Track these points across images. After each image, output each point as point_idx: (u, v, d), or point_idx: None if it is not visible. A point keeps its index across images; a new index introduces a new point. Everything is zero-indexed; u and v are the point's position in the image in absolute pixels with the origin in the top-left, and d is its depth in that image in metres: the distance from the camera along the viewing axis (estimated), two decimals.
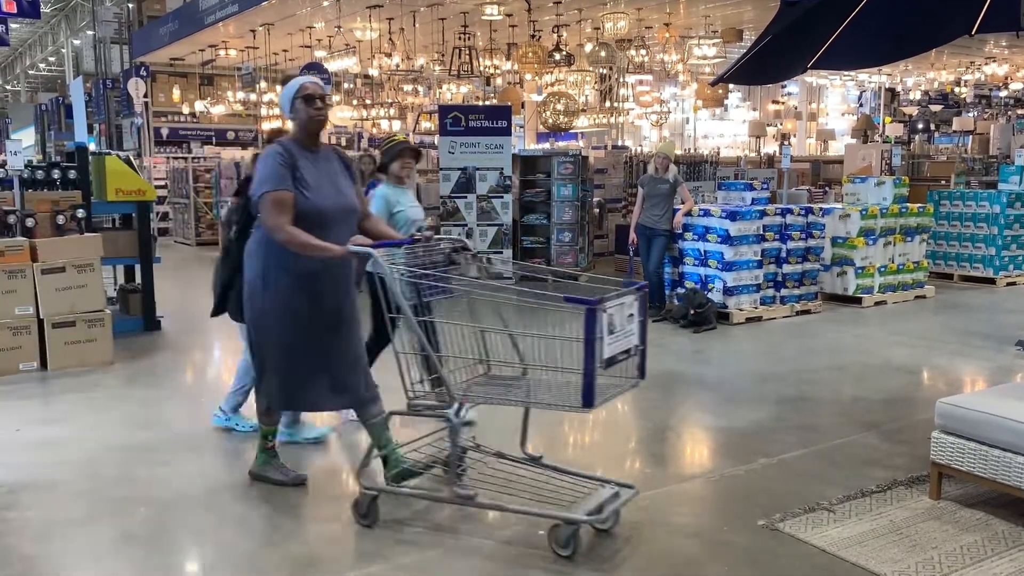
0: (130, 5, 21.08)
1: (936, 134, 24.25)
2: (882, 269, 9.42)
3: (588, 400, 3.18)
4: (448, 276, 3.69)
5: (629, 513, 3.66)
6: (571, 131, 18.31)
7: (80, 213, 6.90)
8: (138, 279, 8.04)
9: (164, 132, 21.23)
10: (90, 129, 19.98)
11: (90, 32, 24.41)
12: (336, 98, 18.56)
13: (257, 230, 3.84)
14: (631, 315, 3.34)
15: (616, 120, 20.19)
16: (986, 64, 21.51)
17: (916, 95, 25.40)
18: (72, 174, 7.49)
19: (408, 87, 18.17)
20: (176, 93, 20.92)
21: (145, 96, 19.17)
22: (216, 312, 4.44)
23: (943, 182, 13.22)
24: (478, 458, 3.87)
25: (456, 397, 3.48)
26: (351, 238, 3.79)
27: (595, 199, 12.89)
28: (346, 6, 14.27)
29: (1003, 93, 24.26)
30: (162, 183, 17.16)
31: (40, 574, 3.32)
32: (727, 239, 8.19)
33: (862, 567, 3.30)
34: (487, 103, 16.60)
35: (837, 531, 3.61)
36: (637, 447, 4.91)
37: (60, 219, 6.77)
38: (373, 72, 16.86)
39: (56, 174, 7.43)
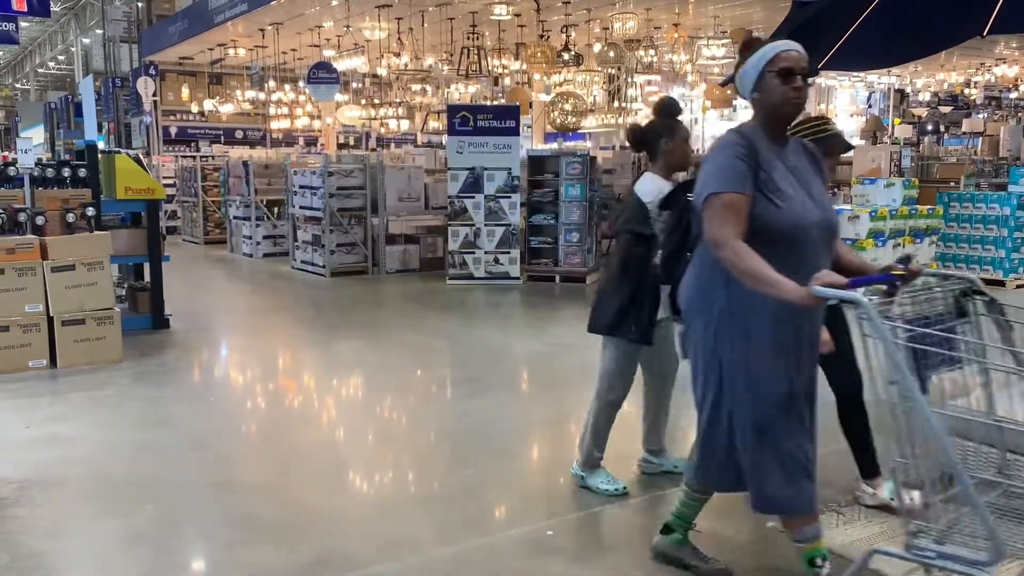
0: (139, 4, 21.18)
1: (946, 136, 24.18)
2: None
3: None
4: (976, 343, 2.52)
5: (634, 515, 3.64)
6: (579, 131, 18.31)
7: (90, 211, 6.92)
8: (147, 277, 8.07)
9: (173, 131, 21.31)
10: (99, 127, 20.06)
11: (99, 31, 24.53)
12: (343, 97, 18.57)
13: (705, 250, 2.86)
14: None
15: (624, 120, 20.18)
16: (996, 65, 21.46)
17: (925, 96, 25.36)
18: (82, 172, 7.51)
19: (416, 87, 18.18)
20: (185, 92, 21.01)
21: (154, 95, 19.26)
22: (597, 330, 3.87)
23: (953, 184, 13.16)
24: None
25: (1000, 547, 2.28)
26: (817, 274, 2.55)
27: None
28: (355, 5, 14.29)
29: (1013, 95, 24.21)
30: (170, 182, 17.21)
31: (49, 570, 3.33)
32: None
33: (872, 569, 3.28)
34: (495, 103, 16.61)
35: (846, 533, 3.60)
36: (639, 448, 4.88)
37: (70, 217, 6.78)
38: (382, 71, 16.88)
39: (66, 172, 7.45)
